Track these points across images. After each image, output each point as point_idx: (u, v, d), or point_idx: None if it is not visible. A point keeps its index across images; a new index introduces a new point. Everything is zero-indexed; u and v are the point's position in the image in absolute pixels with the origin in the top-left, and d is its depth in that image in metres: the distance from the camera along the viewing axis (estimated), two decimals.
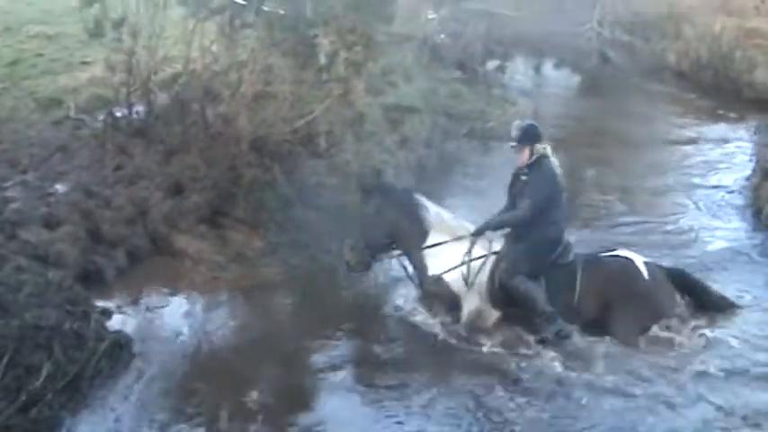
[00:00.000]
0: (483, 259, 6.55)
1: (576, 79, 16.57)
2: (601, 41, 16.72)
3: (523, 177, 6.47)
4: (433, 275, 6.51)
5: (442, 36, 14.27)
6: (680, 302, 6.53)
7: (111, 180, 7.58)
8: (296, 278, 7.03)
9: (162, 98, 8.73)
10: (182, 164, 7.76)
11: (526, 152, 6.42)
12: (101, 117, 8.77)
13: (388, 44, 9.53)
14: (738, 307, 6.66)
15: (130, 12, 8.38)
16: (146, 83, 8.67)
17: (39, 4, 16.97)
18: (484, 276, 6.51)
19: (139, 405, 5.30)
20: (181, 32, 8.59)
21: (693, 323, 6.40)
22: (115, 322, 6.15)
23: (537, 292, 6.37)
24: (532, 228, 6.42)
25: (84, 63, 11.04)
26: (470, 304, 6.51)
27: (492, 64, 14.62)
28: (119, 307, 6.43)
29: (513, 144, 6.44)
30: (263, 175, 7.53)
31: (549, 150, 6.48)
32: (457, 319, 6.50)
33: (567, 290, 6.42)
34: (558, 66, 16.54)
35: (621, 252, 6.71)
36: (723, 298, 6.67)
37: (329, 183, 7.96)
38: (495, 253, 6.54)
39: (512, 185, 6.63)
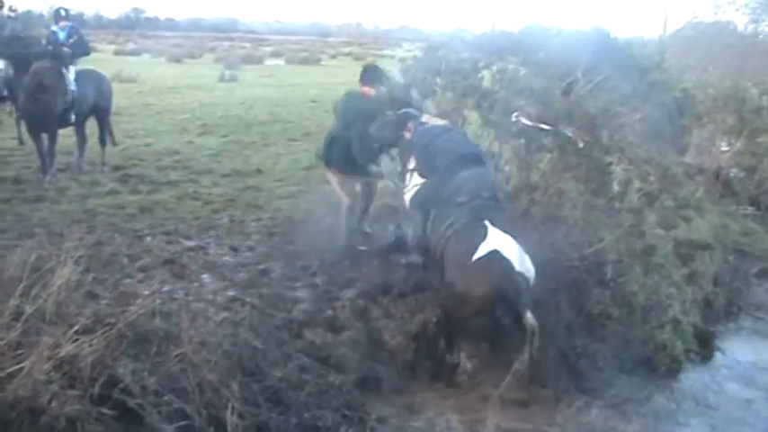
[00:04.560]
0: None
1: None
2: None
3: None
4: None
5: (735, 170, 13.66)
6: None
7: (397, 291, 7.72)
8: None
9: None
10: None
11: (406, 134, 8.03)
12: (391, 227, 9.07)
13: (680, 176, 9.20)
14: None
15: None
16: None
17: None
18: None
19: None
20: None
21: None
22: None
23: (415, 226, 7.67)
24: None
25: None
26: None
27: None
28: (396, 417, 6.43)
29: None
30: (547, 298, 7.39)
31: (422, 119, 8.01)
32: None
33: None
34: None
35: (503, 243, 6.64)
36: None
37: (613, 313, 7.69)
38: None
39: None
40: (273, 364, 6.18)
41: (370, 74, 8.96)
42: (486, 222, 6.82)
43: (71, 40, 12.62)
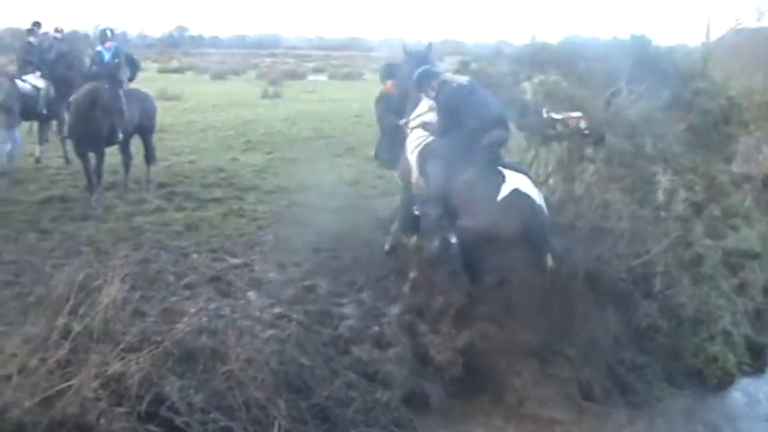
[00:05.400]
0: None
1: None
2: None
3: None
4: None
5: None
6: None
7: (442, 306, 7.66)
8: None
9: None
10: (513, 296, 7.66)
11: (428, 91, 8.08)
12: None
13: (727, 184, 9.08)
14: None
15: None
16: None
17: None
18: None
19: None
20: (519, 159, 8.66)
21: None
22: None
23: (437, 178, 7.67)
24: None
25: None
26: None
27: None
28: None
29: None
30: (595, 312, 7.31)
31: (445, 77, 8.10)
32: None
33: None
34: None
35: (520, 181, 7.15)
36: None
37: (662, 326, 7.58)
38: None
39: None
40: (320, 381, 6.18)
41: (385, 70, 9.71)
42: (498, 168, 7.29)
43: (116, 60, 12.77)
